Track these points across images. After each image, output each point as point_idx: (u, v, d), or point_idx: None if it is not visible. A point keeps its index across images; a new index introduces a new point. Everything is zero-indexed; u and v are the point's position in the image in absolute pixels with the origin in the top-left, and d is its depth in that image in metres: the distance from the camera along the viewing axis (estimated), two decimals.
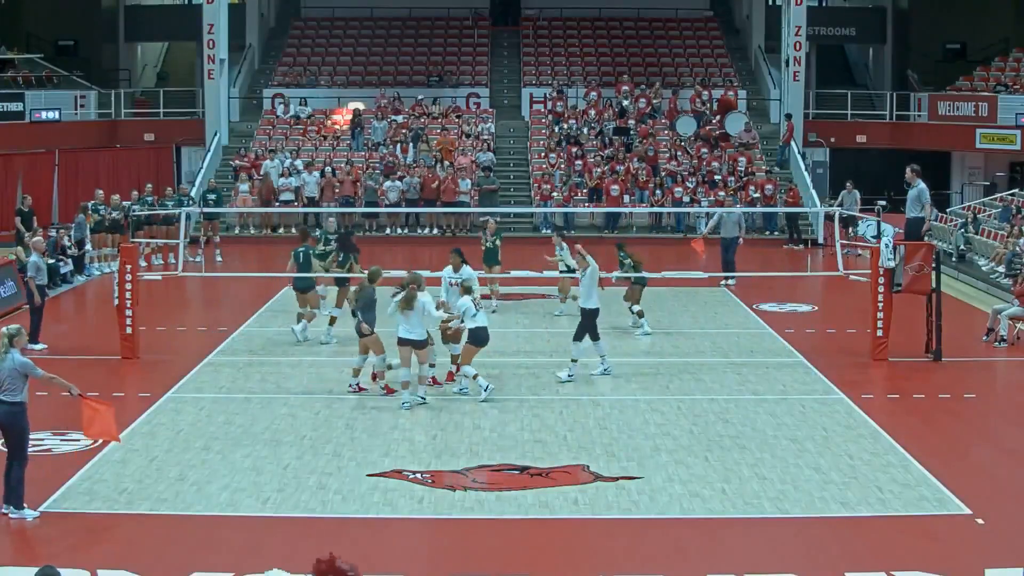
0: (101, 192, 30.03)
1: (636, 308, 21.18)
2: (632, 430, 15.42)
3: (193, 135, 38.72)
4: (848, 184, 33.15)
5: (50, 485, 12.91)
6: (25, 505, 12.15)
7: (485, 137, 37.67)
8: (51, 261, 24.81)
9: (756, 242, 32.43)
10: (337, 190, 34.46)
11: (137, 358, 19.18)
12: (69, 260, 27.02)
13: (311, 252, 20.65)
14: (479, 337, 16.82)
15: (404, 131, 37.11)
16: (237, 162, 35.30)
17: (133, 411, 16.20)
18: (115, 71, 43.62)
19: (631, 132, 37.42)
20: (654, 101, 38.71)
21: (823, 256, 31.63)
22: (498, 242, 23.08)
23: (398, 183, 34.70)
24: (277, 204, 33.58)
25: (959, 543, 11.86)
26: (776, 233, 34.01)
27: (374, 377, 17.23)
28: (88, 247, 28.28)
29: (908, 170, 21.93)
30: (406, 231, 34.81)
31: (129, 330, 19.25)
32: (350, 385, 17.16)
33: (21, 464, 12.17)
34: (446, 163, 35.38)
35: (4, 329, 12.53)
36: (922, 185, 21.64)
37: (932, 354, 19.43)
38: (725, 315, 23.21)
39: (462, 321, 16.83)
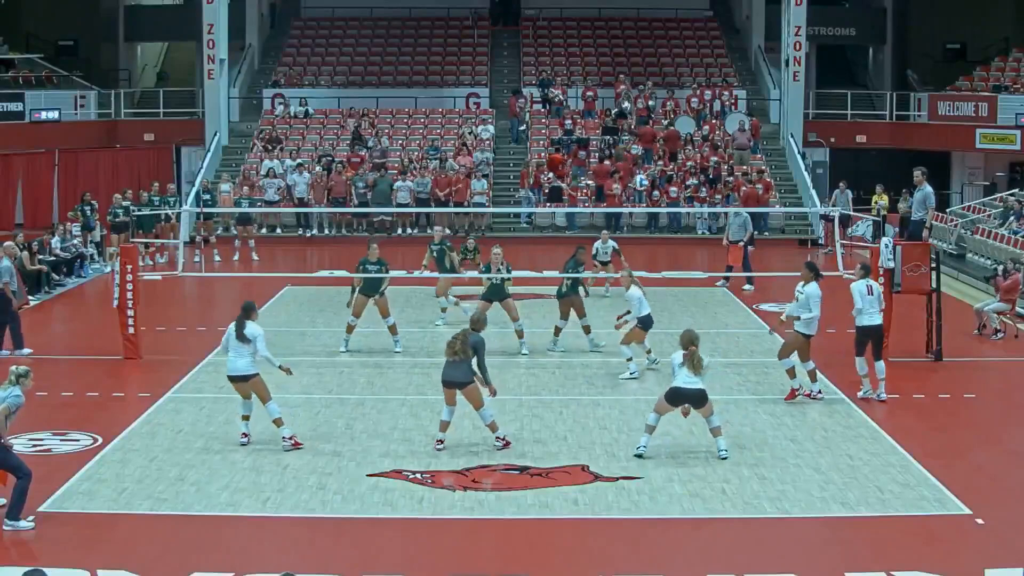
0: (118, 196, 30.01)
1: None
2: (632, 430, 15.40)
3: (193, 135, 38.71)
4: (841, 184, 33.21)
5: (50, 485, 12.91)
6: (20, 517, 12.09)
7: (485, 137, 37.69)
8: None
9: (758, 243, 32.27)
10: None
11: (139, 358, 19.18)
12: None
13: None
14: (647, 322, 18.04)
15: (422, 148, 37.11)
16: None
17: (133, 411, 16.20)
18: (115, 71, 43.64)
19: (618, 131, 37.38)
20: (650, 103, 38.69)
21: (822, 256, 31.60)
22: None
23: (409, 183, 34.70)
24: (261, 204, 33.58)
25: (959, 543, 11.86)
26: (766, 233, 33.87)
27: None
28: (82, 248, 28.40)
29: (917, 173, 21.93)
30: (416, 231, 34.77)
31: (131, 330, 19.26)
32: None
33: (27, 478, 12.11)
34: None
35: (19, 368, 12.52)
36: (928, 188, 21.65)
37: (933, 354, 19.44)
38: (725, 315, 23.19)
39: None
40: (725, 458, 14.13)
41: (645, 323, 18.06)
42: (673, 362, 14.27)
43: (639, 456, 14.14)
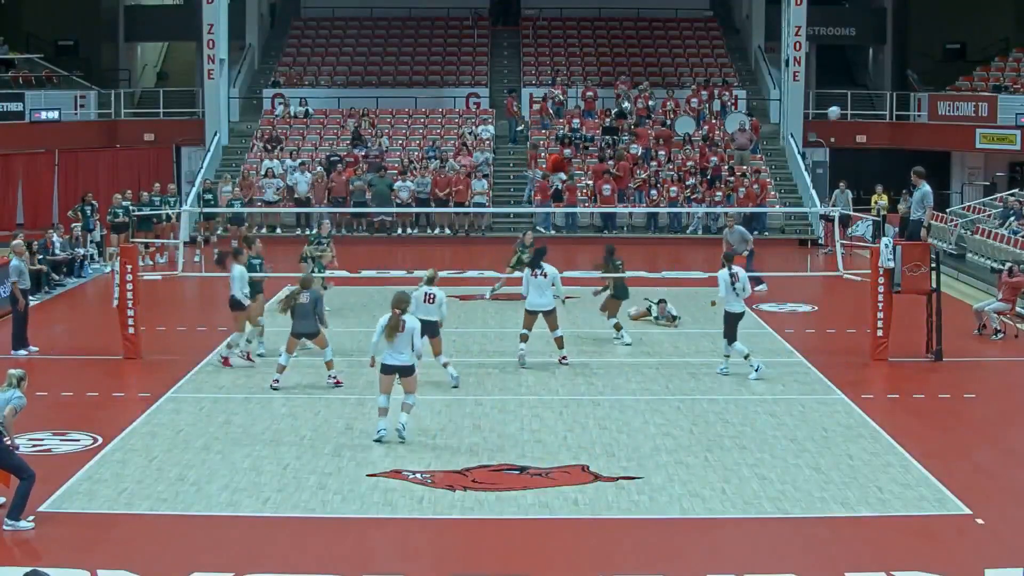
0: (118, 196, 30.03)
1: (613, 321, 20.55)
2: (632, 430, 15.42)
3: (193, 135, 38.72)
4: (841, 184, 33.26)
5: (50, 485, 12.90)
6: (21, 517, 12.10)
7: (485, 137, 37.70)
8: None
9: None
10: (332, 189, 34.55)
11: (139, 358, 19.19)
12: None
13: None
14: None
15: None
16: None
17: (133, 411, 16.20)
18: (115, 71, 43.64)
19: (618, 131, 37.35)
20: (650, 103, 38.69)
21: (822, 256, 31.63)
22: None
23: (409, 183, 34.71)
24: (260, 204, 33.62)
25: (959, 543, 11.86)
26: (766, 233, 33.91)
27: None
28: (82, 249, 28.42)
29: (913, 173, 21.94)
30: (416, 231, 34.81)
31: (131, 330, 19.27)
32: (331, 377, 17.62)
33: (30, 480, 12.12)
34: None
35: (16, 371, 12.53)
36: (926, 188, 21.64)
37: (933, 354, 19.43)
38: None
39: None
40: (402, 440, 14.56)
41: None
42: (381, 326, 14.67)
43: (379, 441, 14.59)
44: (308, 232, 34.00)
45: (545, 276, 18.73)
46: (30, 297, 23.34)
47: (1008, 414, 16.92)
